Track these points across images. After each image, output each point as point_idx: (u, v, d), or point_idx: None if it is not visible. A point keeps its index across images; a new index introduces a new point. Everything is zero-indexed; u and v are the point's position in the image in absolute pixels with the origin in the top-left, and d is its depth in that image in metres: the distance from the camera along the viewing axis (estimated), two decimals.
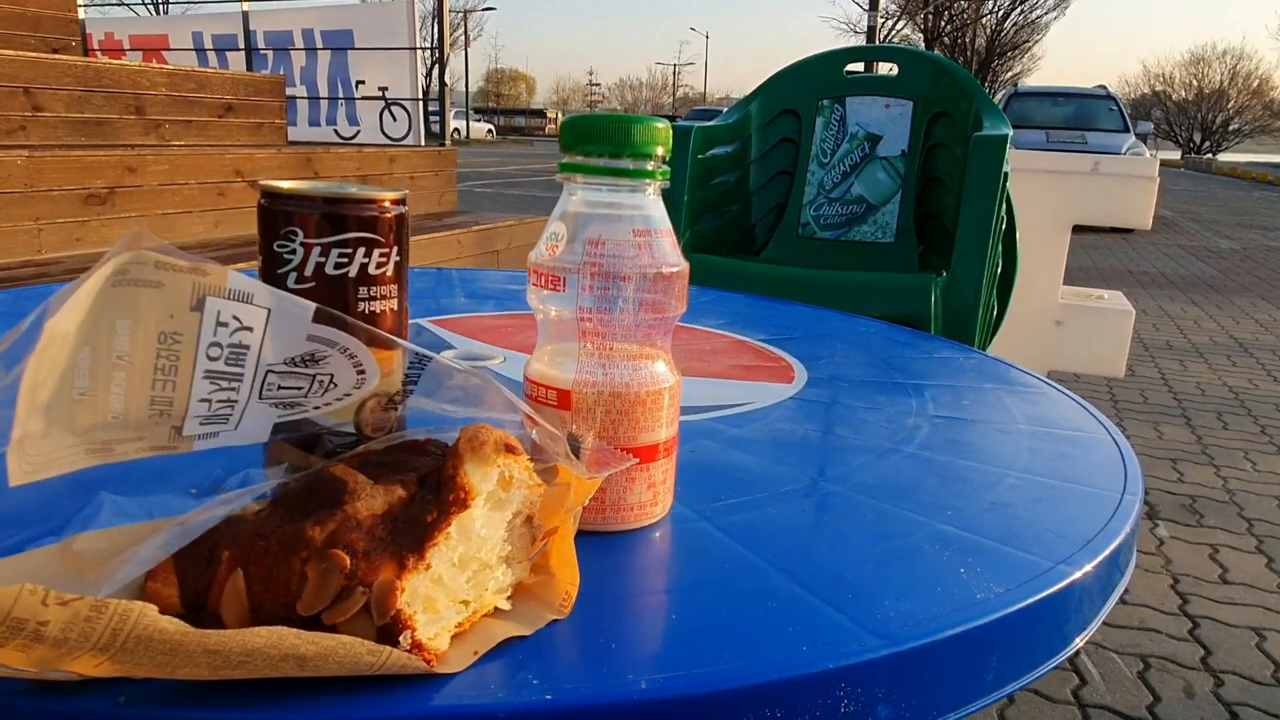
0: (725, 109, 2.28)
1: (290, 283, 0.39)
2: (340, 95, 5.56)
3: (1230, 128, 51.14)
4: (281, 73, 5.64)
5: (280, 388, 0.35)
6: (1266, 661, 1.88)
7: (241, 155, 3.92)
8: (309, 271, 0.39)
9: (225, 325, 0.32)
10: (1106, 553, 0.43)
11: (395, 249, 0.41)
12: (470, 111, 40.27)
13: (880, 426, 0.61)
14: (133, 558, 0.33)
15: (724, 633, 0.34)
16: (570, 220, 0.41)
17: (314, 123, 5.67)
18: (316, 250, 0.39)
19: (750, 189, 2.23)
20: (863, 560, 0.41)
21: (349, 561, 0.30)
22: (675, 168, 1.93)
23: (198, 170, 3.73)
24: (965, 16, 33.96)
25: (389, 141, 5.30)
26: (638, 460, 0.41)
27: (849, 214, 2.20)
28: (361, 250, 0.40)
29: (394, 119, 5.33)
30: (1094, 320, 2.37)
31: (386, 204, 0.41)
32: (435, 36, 5.26)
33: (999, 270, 1.86)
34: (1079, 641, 0.42)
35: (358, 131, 5.53)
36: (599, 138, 0.41)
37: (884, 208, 2.17)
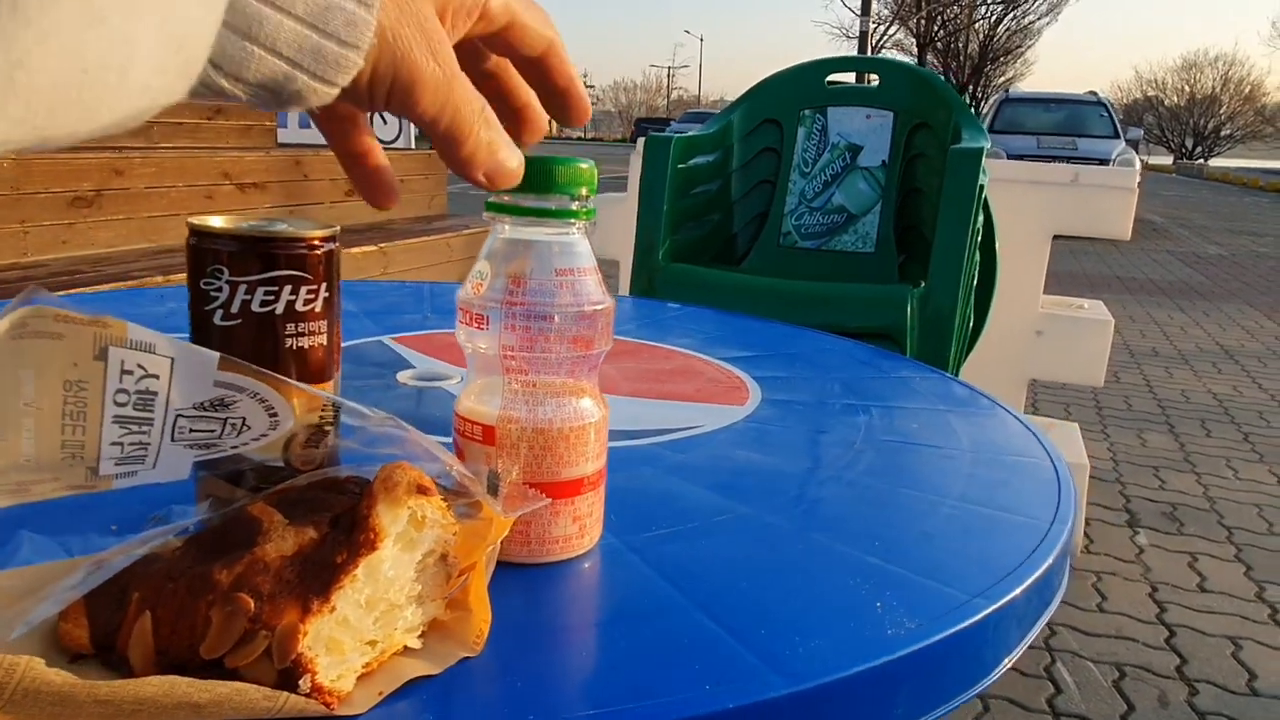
0: (719, 112, 2.29)
1: (217, 319, 0.40)
2: None
3: (1222, 133, 51.39)
4: None
5: (192, 430, 0.35)
6: (1241, 670, 1.90)
7: (230, 158, 3.92)
8: (235, 309, 0.40)
9: (130, 373, 0.33)
10: (1027, 583, 0.44)
11: (324, 285, 0.42)
12: None
13: (824, 452, 0.62)
14: (47, 596, 0.33)
15: (631, 672, 0.35)
16: (495, 259, 0.42)
17: (304, 125, 5.66)
18: (242, 288, 0.40)
19: (732, 198, 2.24)
20: (784, 594, 0.42)
21: (253, 605, 0.31)
22: (655, 177, 1.94)
23: (185, 173, 3.73)
24: (958, 21, 34.07)
25: (380, 144, 5.30)
26: (550, 500, 0.42)
27: (830, 224, 2.21)
28: (288, 288, 0.40)
29: (384, 121, 5.33)
30: (1074, 329, 2.39)
31: (315, 241, 0.41)
32: None
33: (976, 282, 1.87)
34: (997, 672, 0.43)
35: None
36: (525, 186, 0.41)
37: (864, 218, 2.19)
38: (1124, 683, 1.87)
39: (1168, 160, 48.02)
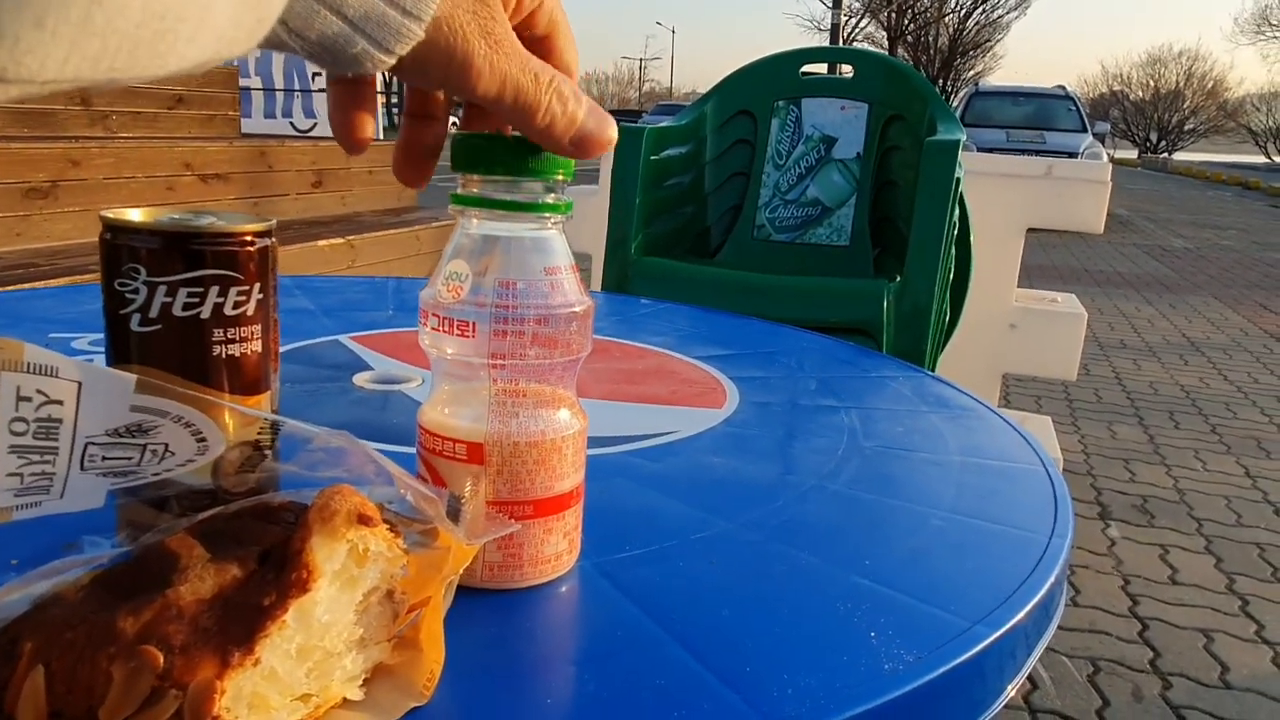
0: (690, 104, 2.25)
1: (134, 324, 0.36)
2: (296, 87, 5.44)
3: (1186, 128, 52.26)
4: (234, 63, 5.51)
5: (105, 458, 0.31)
6: (1214, 663, 1.90)
7: (192, 148, 3.82)
8: (154, 313, 0.35)
9: (28, 400, 0.28)
10: (1030, 605, 0.41)
11: (257, 285, 0.37)
12: None
13: (807, 459, 0.59)
14: None
15: (612, 718, 0.31)
16: (471, 258, 0.38)
17: (269, 115, 5.54)
18: (162, 289, 0.35)
19: (705, 191, 2.20)
20: (770, 624, 0.38)
21: (162, 659, 0.26)
22: (627, 169, 1.90)
23: (146, 163, 3.63)
24: (928, 15, 34.28)
25: None
26: (519, 527, 0.38)
27: (804, 216, 2.18)
28: (215, 289, 0.36)
29: None
30: (1047, 323, 2.38)
31: (247, 236, 0.37)
32: None
33: (952, 276, 1.85)
34: (999, 703, 0.39)
35: (314, 124, 5.41)
36: (495, 164, 0.38)
37: (839, 210, 2.16)
38: (1099, 677, 1.86)
39: (1133, 154, 48.72)
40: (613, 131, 0.37)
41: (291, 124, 5.49)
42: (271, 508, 0.33)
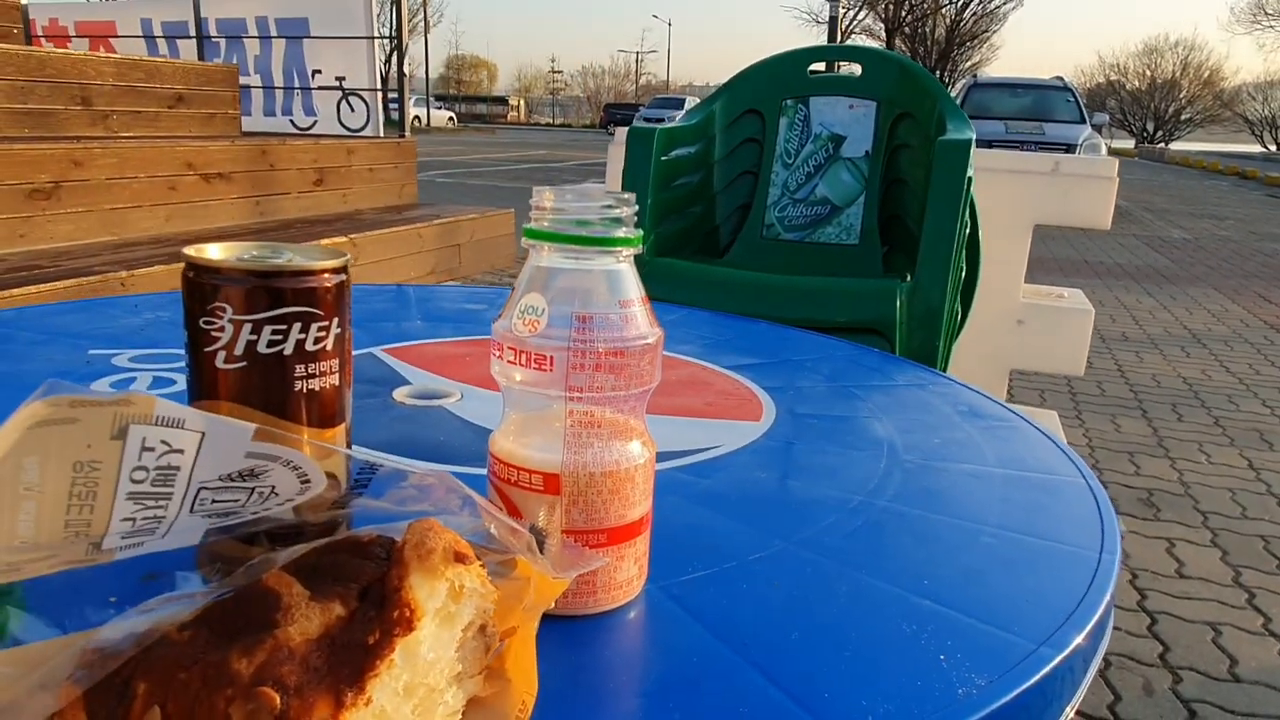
0: (688, 97, 2.26)
1: (219, 362, 0.36)
2: (296, 85, 5.43)
3: (1182, 117, 52.24)
4: (234, 62, 5.50)
5: (214, 501, 0.32)
6: (1222, 657, 1.92)
7: (194, 147, 3.81)
8: (239, 350, 0.36)
9: (151, 450, 0.29)
10: (1090, 626, 0.42)
11: (335, 320, 0.38)
12: (431, 99, 39.79)
13: (851, 473, 0.60)
14: (40, 684, 0.29)
15: None
16: (546, 291, 0.39)
17: (269, 113, 5.54)
18: (247, 328, 0.36)
19: (714, 190, 2.21)
20: (838, 648, 0.39)
21: (279, 701, 0.27)
22: (638, 171, 1.90)
23: (148, 163, 3.63)
24: (925, 6, 34.21)
25: (347, 133, 5.20)
26: (606, 561, 0.39)
27: (813, 215, 2.18)
28: (298, 326, 0.37)
29: (351, 109, 5.22)
30: (1054, 319, 2.39)
31: (325, 274, 0.37)
32: (393, 23, 5.16)
33: (963, 274, 1.86)
34: (1068, 712, 0.40)
35: (315, 122, 5.41)
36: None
37: (848, 209, 2.16)
38: (1110, 672, 1.88)
39: (1130, 144, 48.71)
40: None
41: (292, 121, 5.48)
42: (362, 543, 0.34)
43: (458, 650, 0.31)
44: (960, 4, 36.01)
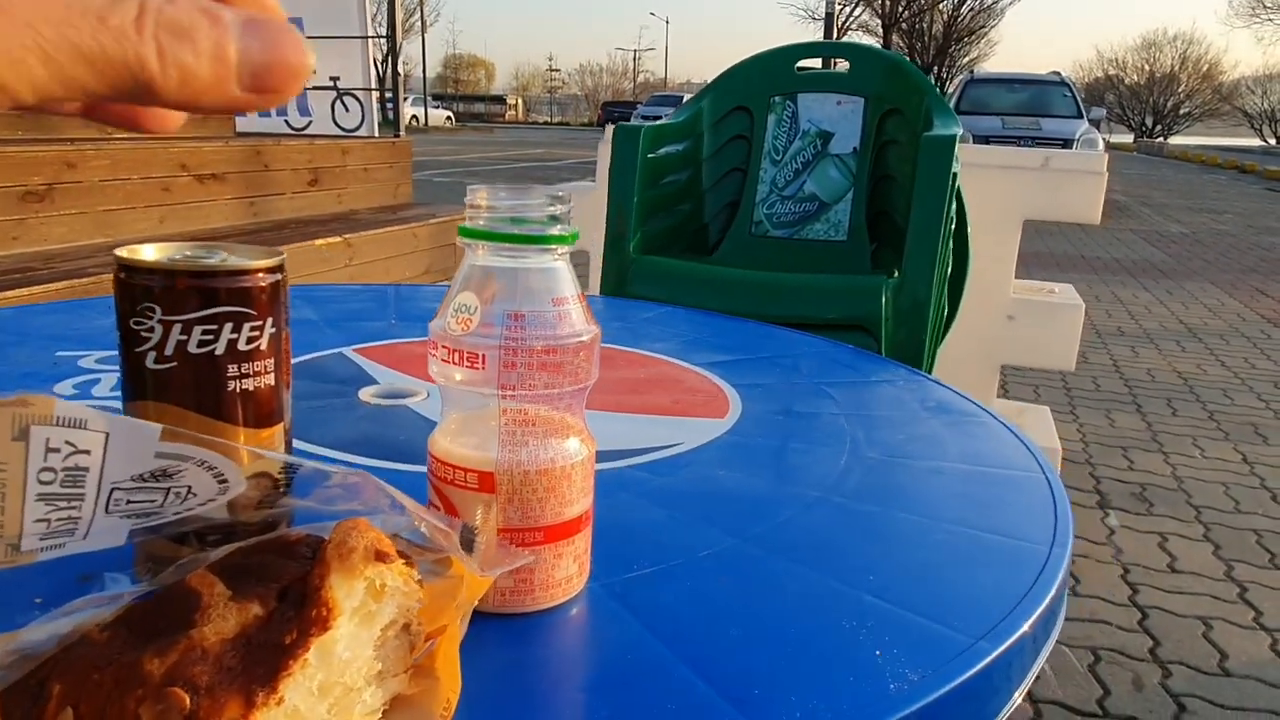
0: (686, 95, 2.26)
1: (150, 362, 0.36)
2: None
3: (1181, 111, 52.18)
4: None
5: (130, 502, 0.32)
6: (1213, 651, 1.92)
7: (187, 149, 3.81)
8: (169, 350, 0.36)
9: (56, 451, 0.29)
10: (1032, 618, 0.42)
11: (269, 320, 0.38)
12: (428, 98, 39.78)
13: (811, 470, 0.60)
14: None
15: None
16: (479, 289, 0.39)
17: (263, 113, 5.54)
18: (177, 327, 0.36)
19: (703, 187, 2.21)
20: (778, 644, 0.39)
21: (188, 701, 0.27)
22: (625, 168, 1.90)
23: (141, 165, 3.63)
24: (923, 2, 34.18)
25: (342, 133, 5.20)
26: (533, 559, 0.39)
27: (802, 212, 2.18)
28: (229, 326, 0.36)
29: (346, 109, 5.22)
30: (1045, 314, 2.39)
31: (258, 274, 0.37)
32: (389, 22, 5.16)
33: (950, 270, 1.86)
34: (1005, 712, 0.40)
35: (309, 122, 5.40)
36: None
37: (836, 205, 2.16)
38: (1099, 667, 1.88)
39: (1128, 139, 48.67)
40: (298, 53, 0.24)
41: (286, 122, 5.48)
42: (289, 542, 0.34)
43: (377, 649, 0.31)
44: None
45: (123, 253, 0.37)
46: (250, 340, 0.37)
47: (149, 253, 0.37)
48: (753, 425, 0.68)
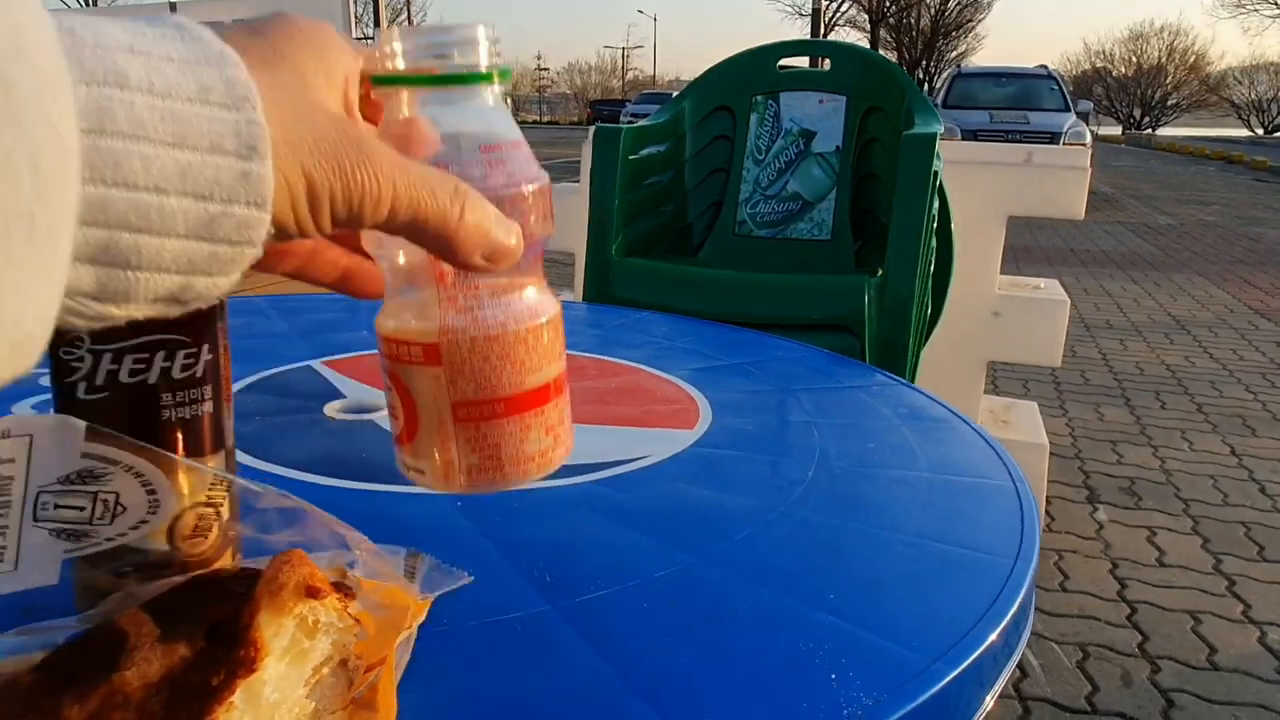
0: (674, 92, 2.25)
1: (80, 393, 0.35)
2: None
3: (1169, 103, 52.38)
4: None
5: (58, 506, 0.31)
6: (1201, 645, 1.92)
7: None
8: (100, 380, 0.35)
9: None
10: (991, 638, 0.41)
11: (205, 346, 0.37)
12: None
13: (775, 484, 0.59)
14: None
15: None
16: (404, 147, 0.33)
17: None
18: (107, 357, 0.35)
19: (685, 188, 2.20)
20: (730, 670, 0.38)
21: None
22: (605, 170, 1.89)
23: None
24: None
25: None
26: (471, 578, 0.38)
27: (785, 211, 2.18)
28: (161, 354, 0.36)
29: None
30: (1030, 310, 2.39)
31: None
32: (373, 23, 5.14)
33: (934, 267, 1.86)
34: None
35: None
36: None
37: (820, 204, 2.16)
38: (1088, 663, 1.88)
39: (1117, 130, 48.83)
40: (520, 242, 0.33)
41: None
42: (223, 579, 0.33)
43: (310, 688, 0.31)
44: None
45: None
46: (185, 368, 0.36)
47: None
48: (721, 436, 0.68)
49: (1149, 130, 47.46)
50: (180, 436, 0.37)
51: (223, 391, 0.39)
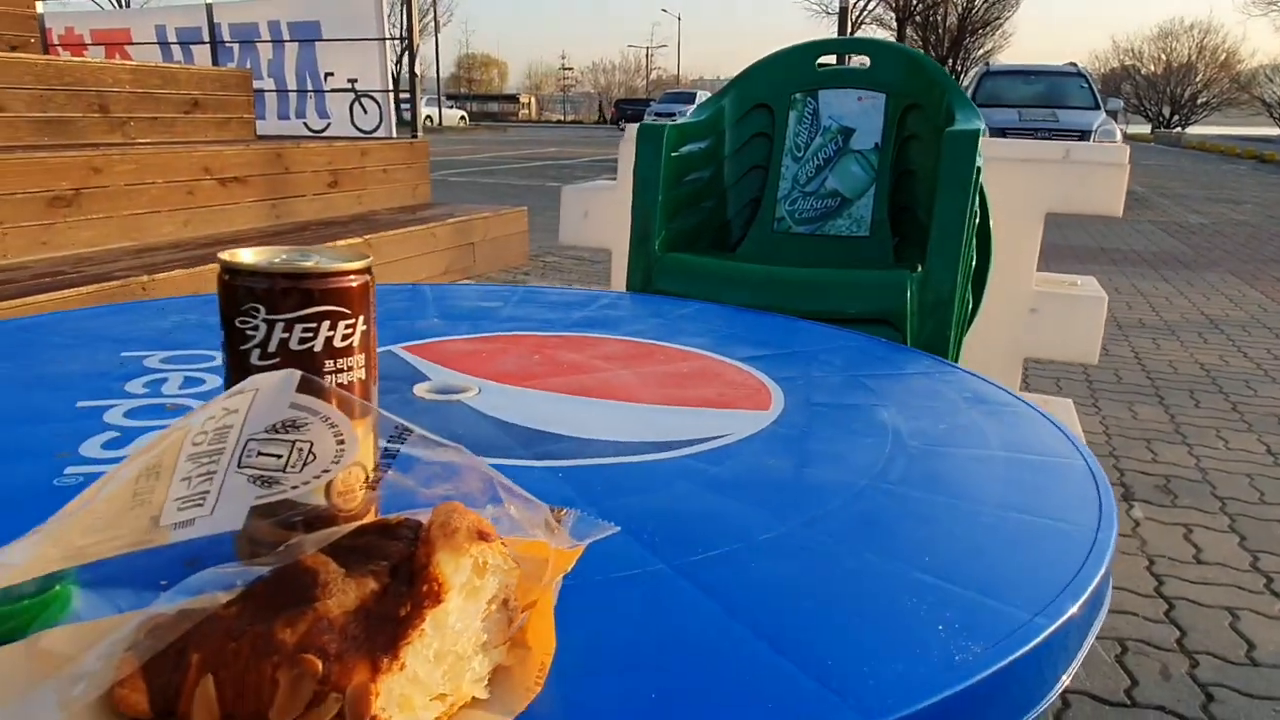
0: (699, 91, 2.27)
1: (254, 359, 0.39)
2: (309, 88, 5.48)
3: (1199, 101, 51.62)
4: (248, 66, 5.56)
5: (260, 454, 0.34)
6: (1240, 641, 1.92)
7: (210, 152, 3.86)
8: (272, 348, 0.39)
9: (213, 418, 0.32)
10: (1084, 598, 0.44)
11: (361, 318, 0.40)
12: (442, 98, 39.90)
13: (857, 458, 0.62)
14: (102, 654, 0.32)
15: (708, 711, 0.34)
16: None
17: (283, 116, 5.60)
18: (279, 325, 0.38)
19: (725, 185, 2.22)
20: (842, 619, 0.41)
21: (321, 666, 0.30)
22: (649, 168, 1.92)
23: (165, 169, 3.68)
24: None
25: (360, 134, 5.24)
26: (618, 529, 0.41)
27: (824, 208, 2.20)
28: (326, 324, 0.39)
29: (364, 111, 5.26)
30: (1068, 307, 2.39)
31: (351, 274, 0.40)
32: (404, 24, 5.20)
33: (974, 263, 1.87)
34: (1056, 690, 0.42)
35: (328, 124, 5.46)
36: None
37: (858, 201, 2.18)
38: (1126, 657, 1.88)
39: (1146, 129, 48.19)
40: None
41: (305, 124, 5.53)
42: (391, 525, 0.36)
43: (483, 621, 0.34)
44: None
45: (225, 256, 0.39)
46: (345, 337, 0.40)
47: (249, 256, 0.40)
48: (796, 417, 0.70)
49: (1178, 129, 46.82)
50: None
51: (371, 360, 0.42)
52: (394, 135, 5.23)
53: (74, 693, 0.30)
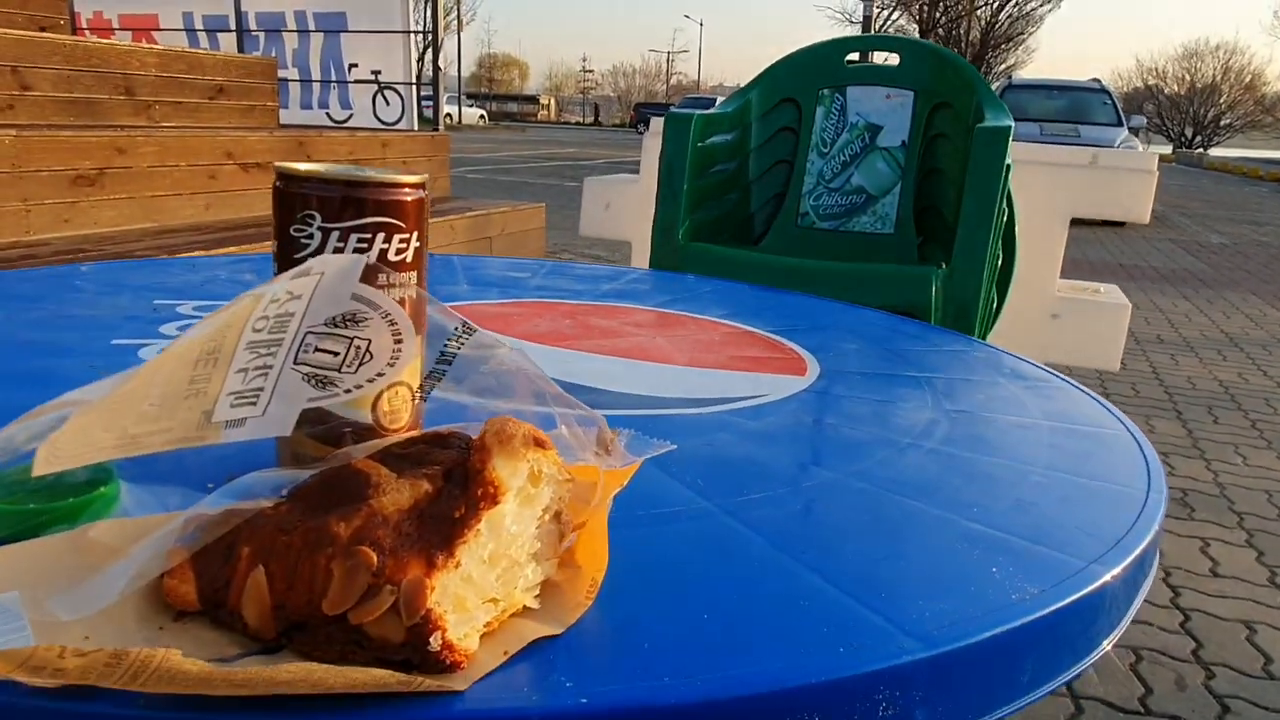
0: (718, 97, 2.27)
1: None
2: (333, 78, 5.51)
3: (1222, 122, 51.34)
4: (273, 54, 5.58)
5: (317, 350, 0.34)
6: (1256, 654, 1.90)
7: (233, 138, 3.88)
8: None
9: (276, 300, 0.31)
10: (1136, 553, 0.43)
11: (415, 234, 0.40)
12: (463, 96, 40.05)
13: (898, 421, 0.61)
14: (148, 547, 0.31)
15: (759, 635, 0.33)
16: None
17: (306, 105, 5.62)
18: (335, 234, 0.38)
19: (749, 178, 2.22)
20: (892, 559, 0.40)
21: (376, 559, 0.29)
22: (675, 156, 1.91)
23: (188, 152, 3.69)
24: (960, 8, 33.92)
25: (382, 126, 5.26)
26: (674, 446, 0.40)
27: (848, 204, 2.19)
28: (381, 235, 0.38)
29: (387, 103, 5.28)
30: (1090, 313, 2.37)
31: (407, 188, 0.39)
32: (428, 19, 5.22)
33: (999, 263, 1.86)
34: (1107, 644, 0.41)
35: (350, 115, 5.48)
36: None
37: (884, 199, 2.16)
38: (1141, 666, 1.86)
39: (1167, 149, 47.94)
40: None
41: (328, 114, 5.55)
42: (442, 435, 0.36)
43: (537, 529, 0.33)
44: (995, 6, 35.68)
45: (282, 165, 0.39)
46: (399, 252, 0.39)
47: (306, 166, 0.39)
48: (835, 380, 0.69)
49: (1200, 149, 46.55)
50: None
51: (422, 279, 0.42)
52: (415, 128, 5.25)
53: (121, 587, 0.30)
